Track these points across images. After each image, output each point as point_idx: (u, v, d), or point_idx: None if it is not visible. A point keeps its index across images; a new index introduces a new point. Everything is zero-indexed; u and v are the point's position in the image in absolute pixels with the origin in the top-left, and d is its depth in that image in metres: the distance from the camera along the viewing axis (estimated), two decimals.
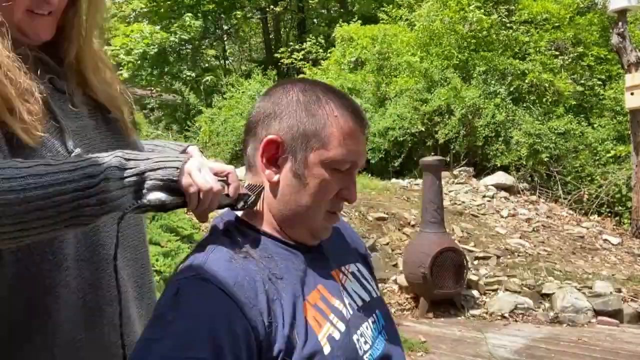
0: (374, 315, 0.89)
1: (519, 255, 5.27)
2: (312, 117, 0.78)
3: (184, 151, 1.00)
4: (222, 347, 0.65)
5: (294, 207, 0.81)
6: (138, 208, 0.80)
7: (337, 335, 0.77)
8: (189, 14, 13.20)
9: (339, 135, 0.78)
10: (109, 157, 0.79)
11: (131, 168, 0.79)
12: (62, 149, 0.89)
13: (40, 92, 0.88)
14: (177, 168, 0.79)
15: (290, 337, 0.71)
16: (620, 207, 7.13)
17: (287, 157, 0.79)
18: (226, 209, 0.86)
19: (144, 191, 0.79)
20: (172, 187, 0.79)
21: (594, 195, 7.27)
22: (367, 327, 0.85)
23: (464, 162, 7.96)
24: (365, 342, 0.82)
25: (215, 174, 0.82)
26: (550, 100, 8.23)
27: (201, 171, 0.80)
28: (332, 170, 0.79)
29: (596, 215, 7.15)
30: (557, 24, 9.12)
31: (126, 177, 0.78)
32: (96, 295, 0.98)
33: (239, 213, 0.85)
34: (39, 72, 0.92)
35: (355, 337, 0.80)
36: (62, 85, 0.96)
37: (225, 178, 0.83)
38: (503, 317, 4.34)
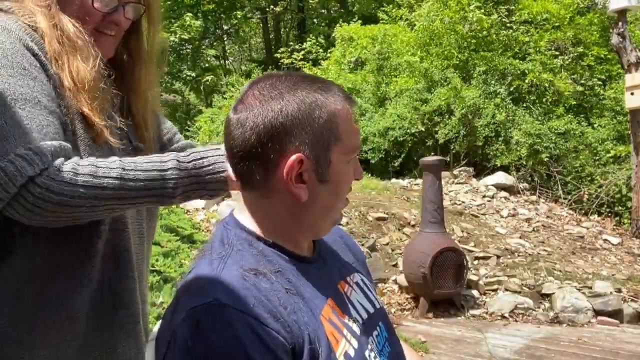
0: (377, 328, 0.89)
1: (519, 255, 5.27)
2: (321, 119, 0.76)
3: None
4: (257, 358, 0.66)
5: (327, 211, 0.82)
6: None
7: (352, 352, 0.77)
8: (189, 14, 13.20)
9: (347, 126, 0.79)
10: (172, 178, 0.92)
11: (189, 190, 0.94)
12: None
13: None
14: (223, 170, 0.94)
15: (313, 352, 0.71)
16: (620, 207, 7.13)
17: (312, 167, 0.77)
18: (228, 214, 0.88)
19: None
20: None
21: (594, 195, 7.26)
22: (372, 341, 0.85)
23: (464, 162, 7.96)
24: (375, 357, 0.83)
25: None
26: (550, 100, 8.23)
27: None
28: (347, 160, 0.81)
29: (596, 215, 7.15)
30: (557, 24, 9.12)
31: (184, 193, 0.94)
32: (114, 297, 1.03)
33: (243, 220, 0.84)
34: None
35: (367, 353, 0.80)
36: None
37: None
38: (503, 317, 4.34)
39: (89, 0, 0.97)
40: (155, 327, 0.93)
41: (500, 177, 7.38)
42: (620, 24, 6.56)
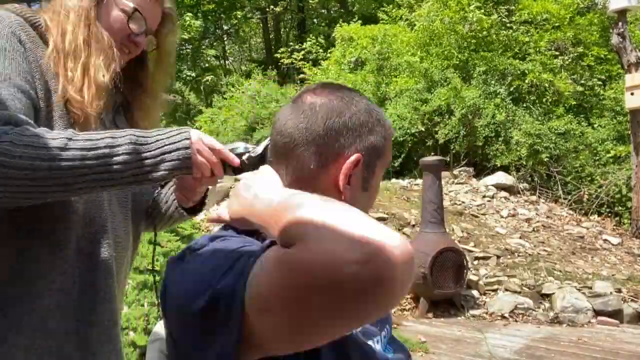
0: (386, 329, 0.90)
1: (519, 255, 5.27)
2: (381, 134, 0.82)
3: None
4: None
5: None
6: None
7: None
8: (189, 14, 13.21)
9: (390, 145, 0.85)
10: (125, 149, 0.90)
11: (148, 158, 0.91)
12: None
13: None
14: (187, 148, 0.93)
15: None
16: (620, 207, 7.13)
17: (362, 173, 0.80)
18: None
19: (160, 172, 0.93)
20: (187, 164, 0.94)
21: (594, 196, 7.27)
22: (377, 342, 0.86)
23: (464, 162, 7.96)
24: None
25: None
26: (550, 100, 8.23)
27: (204, 143, 0.96)
28: (382, 172, 0.86)
29: (596, 215, 7.15)
30: (557, 24, 9.12)
31: (145, 168, 0.91)
32: (90, 291, 1.02)
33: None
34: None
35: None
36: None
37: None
38: (503, 317, 4.34)
39: (125, 18, 1.08)
40: (156, 328, 0.93)
41: (500, 177, 7.38)
42: (620, 24, 6.57)
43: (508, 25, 8.97)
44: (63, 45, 1.02)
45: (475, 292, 4.62)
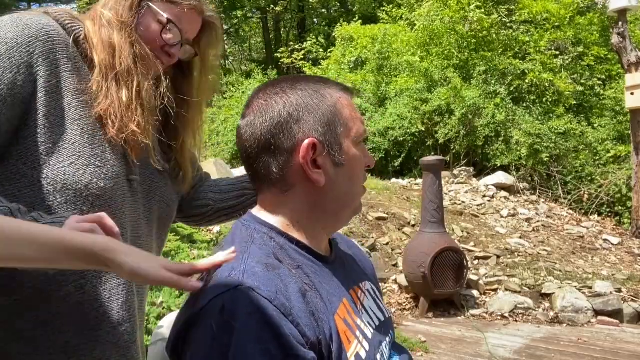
0: (390, 334, 0.90)
1: (519, 255, 5.27)
2: (325, 105, 0.80)
3: None
4: (275, 355, 0.66)
5: (346, 196, 0.83)
6: None
7: (363, 354, 0.77)
8: None
9: (350, 112, 0.83)
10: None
11: None
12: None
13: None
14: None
15: (327, 348, 0.72)
16: (620, 207, 7.13)
17: (325, 152, 0.79)
18: (246, 214, 0.87)
19: None
20: None
21: (594, 195, 7.27)
22: (385, 346, 0.85)
23: (464, 162, 7.96)
24: None
25: None
26: (550, 100, 8.24)
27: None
28: (357, 145, 0.84)
29: (596, 215, 7.15)
30: (557, 24, 9.12)
31: None
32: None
33: (263, 217, 0.83)
34: None
35: (378, 356, 0.81)
36: None
37: None
38: (503, 317, 4.34)
39: (159, 28, 1.03)
40: (159, 328, 0.93)
41: (500, 177, 7.38)
42: (620, 23, 6.56)
43: (508, 25, 8.98)
44: (113, 63, 0.97)
45: (475, 292, 4.62)
